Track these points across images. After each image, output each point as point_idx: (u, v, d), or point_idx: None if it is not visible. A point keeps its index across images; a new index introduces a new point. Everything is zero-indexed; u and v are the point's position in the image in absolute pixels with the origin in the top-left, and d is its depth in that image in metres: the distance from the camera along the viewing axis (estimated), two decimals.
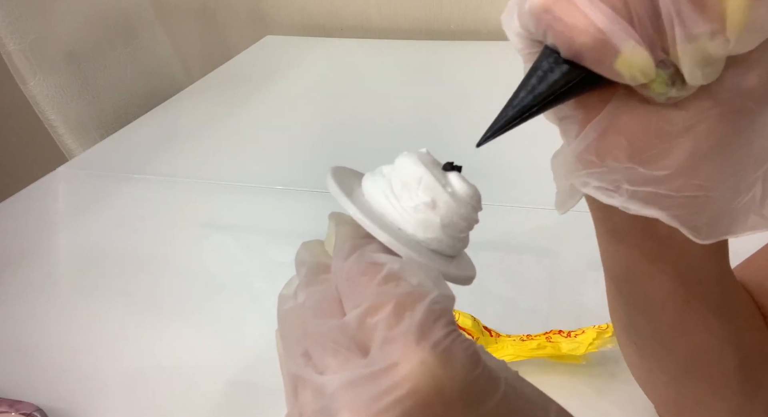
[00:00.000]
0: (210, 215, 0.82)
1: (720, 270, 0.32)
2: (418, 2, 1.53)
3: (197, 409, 0.53)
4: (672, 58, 0.21)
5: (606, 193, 0.25)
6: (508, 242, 0.71)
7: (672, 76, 0.22)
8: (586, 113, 0.24)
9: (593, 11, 0.21)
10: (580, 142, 0.24)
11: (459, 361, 0.20)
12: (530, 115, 0.24)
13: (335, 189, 0.25)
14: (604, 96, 0.24)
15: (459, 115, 1.06)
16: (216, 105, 1.19)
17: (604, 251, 0.33)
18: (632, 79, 0.22)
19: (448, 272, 0.24)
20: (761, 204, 0.25)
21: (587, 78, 0.22)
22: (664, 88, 0.22)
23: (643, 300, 0.33)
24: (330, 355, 0.22)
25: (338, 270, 0.24)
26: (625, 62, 0.21)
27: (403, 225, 0.25)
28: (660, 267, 0.31)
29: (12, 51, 1.01)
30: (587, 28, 0.21)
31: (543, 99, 0.23)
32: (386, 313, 0.21)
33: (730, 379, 0.34)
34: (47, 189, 0.91)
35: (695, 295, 0.32)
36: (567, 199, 0.27)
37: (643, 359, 0.38)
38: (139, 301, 0.66)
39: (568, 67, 0.22)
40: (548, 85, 0.23)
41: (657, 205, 0.24)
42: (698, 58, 0.21)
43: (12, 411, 0.51)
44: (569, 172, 0.25)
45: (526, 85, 0.23)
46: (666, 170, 0.23)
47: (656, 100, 0.23)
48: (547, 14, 0.22)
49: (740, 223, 0.25)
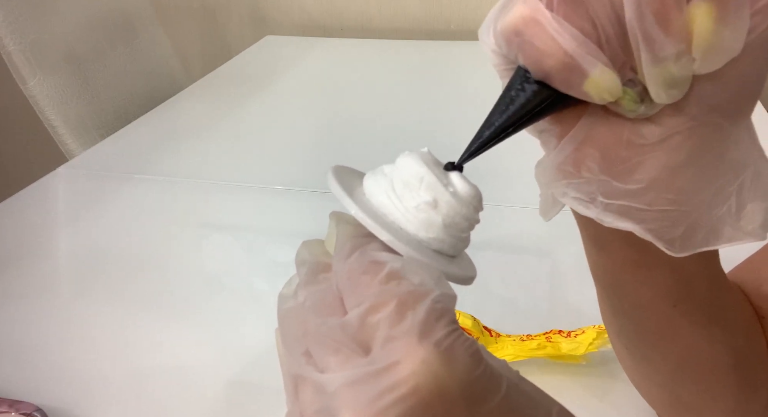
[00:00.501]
0: (210, 215, 0.82)
1: (708, 273, 0.32)
2: (418, 2, 1.53)
3: (197, 409, 0.53)
4: (640, 77, 0.22)
5: (582, 204, 0.25)
6: (508, 242, 0.71)
7: (640, 93, 0.22)
8: (563, 126, 0.25)
9: (561, 35, 0.21)
10: (558, 153, 0.25)
11: (461, 360, 0.20)
12: (506, 135, 0.24)
13: (336, 188, 0.25)
14: (579, 110, 0.24)
15: (459, 115, 1.06)
16: (216, 105, 1.19)
17: (589, 258, 0.34)
18: (600, 99, 0.22)
19: (449, 272, 0.24)
20: (736, 216, 0.25)
21: (559, 97, 0.23)
22: (633, 105, 0.22)
23: (630, 305, 0.33)
24: (331, 354, 0.21)
25: (339, 269, 0.23)
26: (593, 84, 0.21)
27: (405, 224, 0.24)
28: (643, 273, 0.31)
29: (12, 51, 1.01)
30: (556, 52, 0.21)
31: (517, 120, 0.23)
32: (388, 312, 0.21)
33: (724, 380, 0.34)
34: (47, 189, 0.91)
35: (681, 299, 0.32)
36: (550, 208, 0.28)
37: (635, 362, 0.38)
38: (139, 301, 0.66)
39: (539, 87, 0.23)
40: (521, 105, 0.23)
41: (631, 218, 0.24)
42: (663, 80, 0.21)
43: (12, 411, 0.51)
44: (549, 181, 0.26)
45: (500, 105, 0.24)
46: (638, 184, 0.24)
47: (627, 115, 0.23)
48: (517, 37, 0.22)
49: (716, 235, 0.25)
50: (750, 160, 0.24)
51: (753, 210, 0.25)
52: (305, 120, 1.12)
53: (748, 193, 0.25)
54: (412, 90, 1.22)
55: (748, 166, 0.24)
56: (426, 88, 1.23)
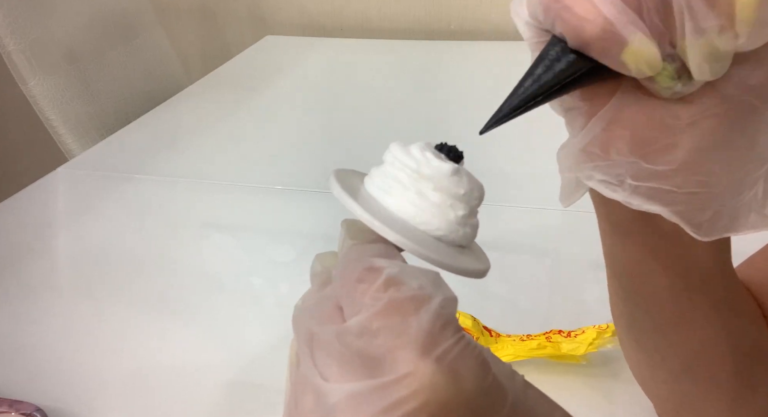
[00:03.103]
0: (210, 215, 0.82)
1: (722, 265, 0.32)
2: (418, 2, 1.53)
3: (197, 409, 0.53)
4: (679, 52, 0.21)
5: (609, 187, 0.25)
6: (508, 242, 0.71)
7: (678, 70, 0.22)
8: (592, 105, 0.24)
9: (602, 1, 0.20)
10: (586, 134, 0.24)
11: (470, 371, 0.20)
12: (535, 104, 0.23)
13: (339, 191, 0.24)
14: (610, 88, 0.24)
15: (459, 115, 1.06)
16: (216, 105, 1.19)
17: (607, 246, 0.33)
18: (638, 71, 0.22)
19: (459, 266, 0.24)
20: (762, 203, 0.24)
21: (593, 69, 0.22)
22: (670, 82, 0.22)
23: (646, 295, 0.33)
24: (332, 362, 0.21)
25: (335, 276, 0.23)
26: (632, 54, 0.21)
27: (409, 219, 0.24)
28: (663, 262, 0.31)
29: (12, 51, 1.01)
30: (595, 19, 0.21)
31: (548, 88, 0.23)
32: (390, 320, 0.20)
33: (728, 375, 0.34)
34: (47, 189, 0.91)
35: (697, 291, 0.32)
36: (571, 193, 0.27)
37: (643, 355, 0.38)
38: (139, 301, 0.66)
39: (575, 57, 0.22)
40: (554, 75, 0.23)
41: (659, 201, 0.24)
42: (706, 53, 0.21)
43: (12, 411, 0.51)
44: (574, 164, 0.25)
45: (532, 73, 0.23)
46: (669, 165, 0.23)
47: (661, 94, 0.23)
48: (557, 3, 0.21)
49: (741, 221, 0.25)
50: None
51: None
52: (305, 120, 1.12)
53: None
54: (412, 90, 1.22)
55: None
56: (426, 88, 1.23)
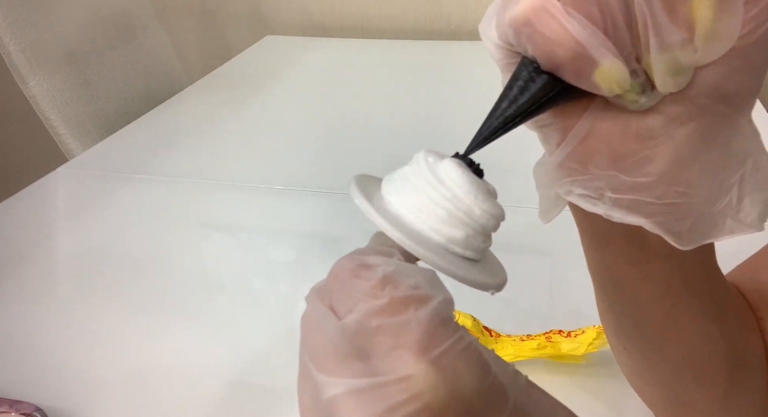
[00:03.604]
0: (210, 215, 0.82)
1: (706, 270, 0.32)
2: (418, 2, 1.53)
3: (197, 409, 0.53)
4: (644, 66, 0.22)
5: (589, 201, 0.25)
6: (508, 242, 0.70)
7: (642, 84, 0.22)
8: (566, 120, 0.25)
9: (572, 24, 0.21)
10: (563, 149, 0.25)
11: (470, 372, 0.20)
12: (513, 126, 0.24)
13: (360, 199, 0.24)
14: (582, 103, 0.24)
15: (459, 115, 1.06)
16: (216, 105, 1.19)
17: (589, 257, 0.34)
18: (609, 91, 0.22)
19: (473, 279, 0.23)
20: (737, 208, 0.25)
21: (566, 89, 0.23)
22: (635, 96, 0.22)
23: (630, 303, 0.33)
24: (328, 357, 0.21)
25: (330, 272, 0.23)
26: (603, 75, 0.21)
27: (424, 228, 0.24)
28: (644, 271, 0.31)
29: (12, 51, 1.01)
30: (567, 42, 0.21)
31: (525, 109, 0.23)
32: (388, 318, 0.20)
33: (718, 377, 0.34)
34: (47, 189, 0.91)
35: (681, 297, 0.32)
36: (551, 208, 0.27)
37: (633, 361, 0.38)
38: (138, 301, 0.66)
39: (548, 78, 0.22)
40: (530, 96, 0.23)
41: (640, 213, 0.24)
42: (670, 67, 0.21)
43: (12, 411, 0.51)
44: (552, 180, 0.26)
45: (507, 95, 0.24)
46: (648, 177, 0.23)
47: (628, 107, 0.23)
48: (527, 27, 0.22)
49: (719, 227, 0.25)
50: (751, 151, 0.24)
51: (750, 201, 0.25)
52: (305, 120, 1.12)
53: (747, 184, 0.25)
54: (412, 90, 1.22)
55: (749, 157, 0.24)
56: (426, 88, 1.23)
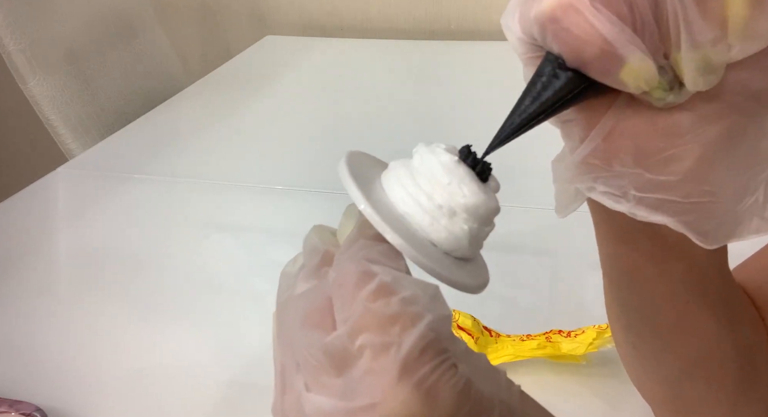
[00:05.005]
0: (210, 215, 0.82)
1: (719, 270, 0.32)
2: (418, 2, 1.53)
3: (197, 409, 0.53)
4: (672, 63, 0.21)
5: (613, 199, 0.24)
6: (508, 242, 0.71)
7: (670, 81, 0.22)
8: (590, 116, 0.24)
9: (600, 21, 0.20)
10: (586, 146, 0.24)
11: (444, 400, 0.19)
12: (537, 123, 0.23)
13: (347, 178, 0.23)
14: (607, 99, 0.24)
15: (459, 115, 1.06)
16: (216, 105, 1.19)
17: (606, 254, 0.33)
18: (636, 88, 0.22)
19: (457, 281, 0.23)
20: (764, 207, 0.24)
21: (591, 85, 0.22)
22: (663, 93, 0.22)
23: (644, 301, 0.33)
24: (309, 371, 0.21)
25: (332, 274, 0.23)
26: (630, 72, 0.21)
27: (421, 224, 0.23)
28: (662, 269, 0.31)
29: (12, 51, 1.01)
30: (594, 39, 0.20)
31: (548, 106, 0.23)
32: (371, 338, 0.20)
33: (726, 378, 0.34)
34: (47, 189, 0.91)
35: (695, 296, 0.32)
36: (569, 204, 0.27)
37: (640, 360, 0.38)
38: (138, 301, 0.66)
39: (573, 74, 0.22)
40: (553, 92, 0.22)
41: (665, 212, 0.24)
42: (701, 66, 0.21)
43: (12, 411, 0.51)
44: (574, 176, 0.25)
45: (530, 91, 0.23)
46: (674, 176, 0.23)
47: (654, 104, 0.23)
48: (554, 24, 0.21)
49: (745, 226, 0.25)
50: None
51: None
52: (305, 120, 1.12)
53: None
54: (412, 90, 1.22)
55: None
56: (426, 88, 1.23)
